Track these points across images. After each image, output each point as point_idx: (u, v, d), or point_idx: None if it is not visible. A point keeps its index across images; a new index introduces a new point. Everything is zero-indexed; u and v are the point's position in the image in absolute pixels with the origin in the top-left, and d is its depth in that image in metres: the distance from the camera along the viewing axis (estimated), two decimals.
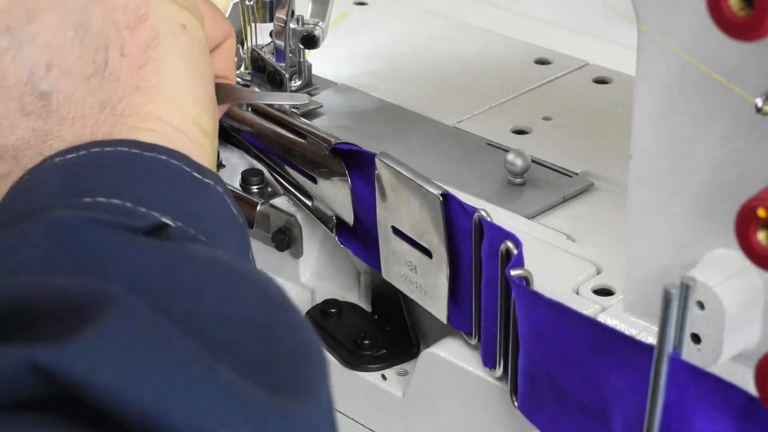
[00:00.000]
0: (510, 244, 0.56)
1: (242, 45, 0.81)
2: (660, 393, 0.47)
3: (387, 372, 0.69)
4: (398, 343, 0.70)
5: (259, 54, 0.75)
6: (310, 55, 0.83)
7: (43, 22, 0.48)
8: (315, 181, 0.71)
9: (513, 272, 0.55)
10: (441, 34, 0.92)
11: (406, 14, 0.96)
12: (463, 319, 0.61)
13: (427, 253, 0.61)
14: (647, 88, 0.54)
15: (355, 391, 0.69)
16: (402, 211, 0.60)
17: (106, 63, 0.48)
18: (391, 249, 0.65)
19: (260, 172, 0.75)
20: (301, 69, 0.82)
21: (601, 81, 0.84)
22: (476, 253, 0.59)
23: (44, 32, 0.47)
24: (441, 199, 0.59)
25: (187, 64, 0.50)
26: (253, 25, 0.80)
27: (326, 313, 0.72)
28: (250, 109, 0.77)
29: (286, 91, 0.75)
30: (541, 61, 0.87)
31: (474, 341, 0.62)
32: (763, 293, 0.52)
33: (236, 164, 0.77)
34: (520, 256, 0.56)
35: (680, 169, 0.54)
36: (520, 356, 0.57)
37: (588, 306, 0.61)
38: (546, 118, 0.79)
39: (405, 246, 0.61)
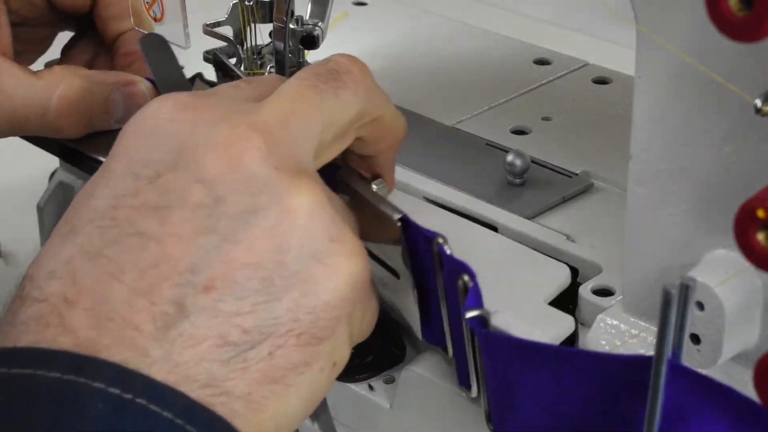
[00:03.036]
0: (466, 278, 0.55)
1: (242, 45, 0.81)
2: (659, 393, 0.47)
3: (374, 381, 0.68)
4: (385, 348, 0.68)
5: (220, 58, 0.75)
6: (310, 56, 0.83)
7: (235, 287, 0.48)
8: None
9: (468, 315, 0.54)
10: (441, 34, 0.92)
11: (406, 14, 0.96)
12: (437, 335, 0.61)
13: (395, 273, 0.61)
14: (647, 89, 0.54)
15: (343, 403, 0.68)
16: (365, 232, 0.60)
17: (251, 349, 0.48)
18: None
19: None
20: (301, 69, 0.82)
21: (601, 81, 0.84)
22: (440, 279, 0.58)
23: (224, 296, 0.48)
24: (399, 224, 0.58)
25: (306, 403, 0.50)
26: (252, 25, 0.80)
27: None
28: None
29: None
30: (541, 61, 0.87)
31: (450, 355, 0.61)
32: (763, 294, 0.52)
33: None
34: (474, 290, 0.55)
35: (680, 169, 0.54)
36: (488, 386, 0.56)
37: (589, 306, 0.61)
38: (546, 118, 0.79)
39: (375, 265, 0.61)
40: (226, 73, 0.75)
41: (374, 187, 0.64)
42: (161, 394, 0.46)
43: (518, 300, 0.60)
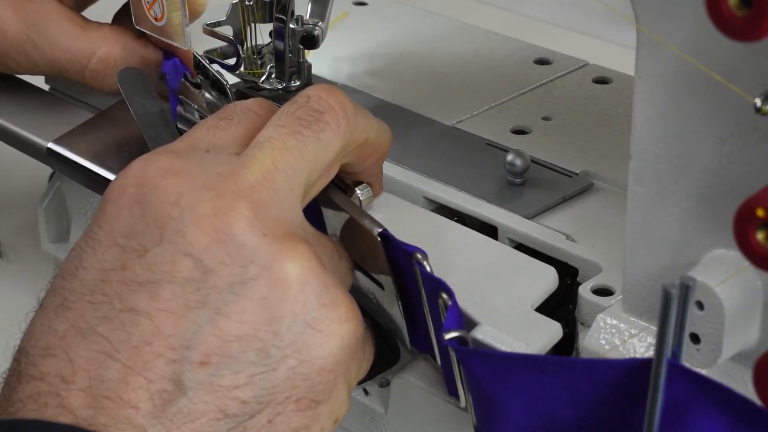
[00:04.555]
0: (444, 296, 0.55)
1: (242, 45, 0.81)
2: (659, 393, 0.47)
3: (369, 386, 0.67)
4: (379, 351, 0.67)
5: (200, 59, 0.75)
6: (310, 55, 0.83)
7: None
8: None
9: (446, 336, 0.54)
10: (441, 34, 0.92)
11: (406, 14, 0.96)
12: (425, 344, 0.61)
13: (380, 284, 0.61)
14: (647, 88, 0.54)
15: None
16: (349, 245, 0.60)
17: (250, 418, 0.49)
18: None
19: None
20: (301, 69, 0.82)
21: (601, 81, 0.84)
22: (422, 293, 0.57)
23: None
24: (379, 238, 0.58)
25: None
26: (252, 25, 0.80)
27: None
28: None
29: (230, 99, 0.74)
30: (541, 61, 0.87)
31: (438, 364, 0.61)
32: (763, 293, 0.52)
33: None
34: (453, 310, 0.55)
35: (680, 169, 0.54)
36: (474, 404, 0.56)
37: (589, 306, 0.61)
38: (546, 118, 0.79)
39: (361, 275, 0.61)
40: (206, 76, 0.75)
41: (358, 191, 0.64)
42: None
43: (503, 308, 0.60)
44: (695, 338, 0.52)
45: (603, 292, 0.62)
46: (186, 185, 0.50)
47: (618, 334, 0.59)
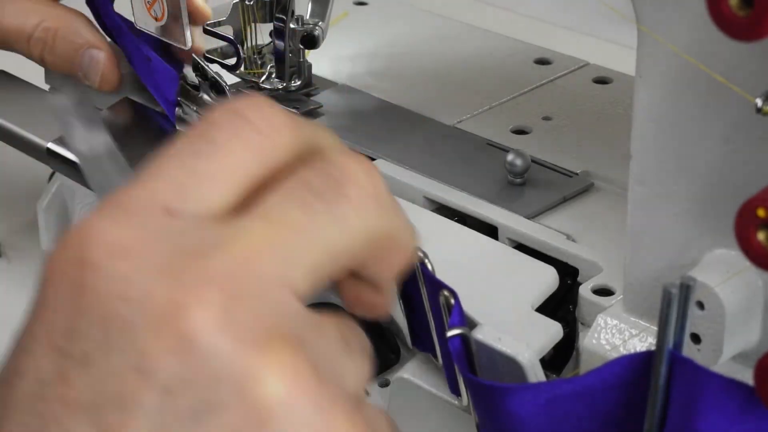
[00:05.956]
0: (446, 294, 0.54)
1: (242, 45, 0.81)
2: (659, 394, 0.47)
3: (368, 385, 0.67)
4: (379, 351, 0.67)
5: (199, 61, 0.75)
6: (310, 55, 0.83)
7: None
8: None
9: (449, 333, 0.53)
10: (441, 34, 0.92)
11: (406, 14, 0.96)
12: (426, 342, 0.60)
13: None
14: (647, 88, 0.54)
15: None
16: None
17: None
18: None
19: None
20: (301, 69, 0.82)
21: (601, 81, 0.84)
22: (424, 293, 0.57)
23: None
24: None
25: None
26: (253, 25, 0.80)
27: None
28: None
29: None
30: (541, 61, 0.87)
31: (440, 363, 0.60)
32: (763, 293, 0.52)
33: None
34: (457, 310, 0.54)
35: (680, 169, 0.54)
36: (477, 414, 0.56)
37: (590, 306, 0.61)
38: (546, 118, 0.79)
39: None
40: (205, 77, 0.75)
41: None
42: None
43: (503, 308, 0.60)
44: (696, 338, 0.52)
45: (603, 292, 0.62)
46: (138, 269, 0.38)
47: (618, 334, 0.59)
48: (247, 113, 0.41)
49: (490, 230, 0.69)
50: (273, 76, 0.82)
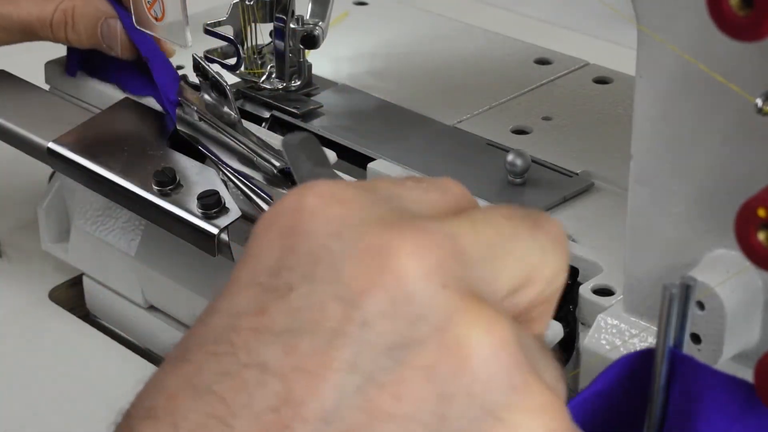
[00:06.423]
0: None
1: (242, 45, 0.81)
2: (659, 394, 0.47)
3: None
4: None
5: (200, 61, 0.75)
6: (310, 55, 0.83)
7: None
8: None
9: None
10: (441, 34, 0.92)
11: (406, 14, 0.96)
12: None
13: None
14: (647, 88, 0.54)
15: None
16: None
17: None
18: None
19: (215, 192, 0.71)
20: (301, 69, 0.82)
21: (601, 81, 0.84)
22: None
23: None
24: None
25: None
26: (253, 25, 0.80)
27: None
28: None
29: (231, 102, 0.74)
30: (541, 61, 0.87)
31: None
32: (763, 293, 0.52)
33: (195, 183, 0.73)
34: None
35: (680, 169, 0.54)
36: None
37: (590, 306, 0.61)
38: (546, 118, 0.79)
39: None
40: (206, 77, 0.75)
41: None
42: None
43: None
44: (696, 338, 0.52)
45: (603, 292, 0.62)
46: (353, 215, 0.39)
47: (619, 335, 0.59)
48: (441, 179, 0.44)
49: None
50: (273, 76, 0.82)
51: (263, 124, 0.81)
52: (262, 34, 0.82)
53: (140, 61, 0.79)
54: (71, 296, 0.88)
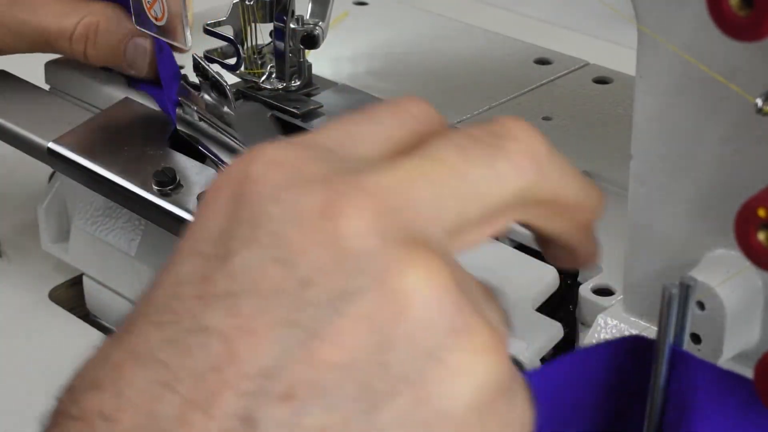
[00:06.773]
0: None
1: (242, 45, 0.81)
2: (659, 393, 0.47)
3: None
4: None
5: (200, 61, 0.75)
6: (310, 55, 0.83)
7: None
8: None
9: None
10: (441, 34, 0.92)
11: (406, 14, 0.96)
12: None
13: None
14: (647, 88, 0.54)
15: None
16: None
17: None
18: None
19: None
20: (301, 69, 0.82)
21: (601, 81, 0.84)
22: None
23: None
24: None
25: None
26: (253, 25, 0.80)
27: None
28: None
29: (231, 102, 0.74)
30: (541, 61, 0.87)
31: None
32: (763, 293, 0.52)
33: (195, 183, 0.73)
34: None
35: (680, 169, 0.54)
36: None
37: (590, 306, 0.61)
38: (546, 118, 0.79)
39: None
40: (206, 77, 0.75)
41: None
42: None
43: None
44: (696, 338, 0.52)
45: (603, 292, 0.62)
46: (294, 178, 0.40)
47: (619, 335, 0.58)
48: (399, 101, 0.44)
49: None
50: (273, 76, 0.82)
51: None
52: (262, 34, 0.82)
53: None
54: (71, 296, 0.88)
